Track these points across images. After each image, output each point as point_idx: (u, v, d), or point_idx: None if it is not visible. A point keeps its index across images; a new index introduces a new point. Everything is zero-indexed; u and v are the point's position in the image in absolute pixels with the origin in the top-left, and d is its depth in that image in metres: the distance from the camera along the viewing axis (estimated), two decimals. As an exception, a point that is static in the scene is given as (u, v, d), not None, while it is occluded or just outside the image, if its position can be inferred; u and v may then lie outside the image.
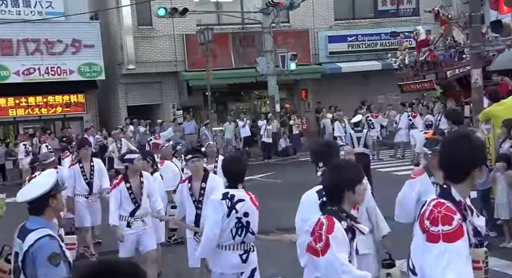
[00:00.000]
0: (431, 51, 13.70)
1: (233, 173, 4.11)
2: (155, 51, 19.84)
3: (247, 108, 22.23)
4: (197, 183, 5.03)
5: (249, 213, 4.00)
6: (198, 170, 5.07)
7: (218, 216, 3.95)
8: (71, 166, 7.63)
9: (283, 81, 19.26)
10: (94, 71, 19.31)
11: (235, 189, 4.05)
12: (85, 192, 7.41)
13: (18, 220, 3.17)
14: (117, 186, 5.77)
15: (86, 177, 7.39)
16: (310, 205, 3.44)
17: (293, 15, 20.66)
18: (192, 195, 5.02)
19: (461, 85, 14.02)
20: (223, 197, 3.99)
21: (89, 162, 7.48)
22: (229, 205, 3.96)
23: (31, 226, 2.96)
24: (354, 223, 2.88)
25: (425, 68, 14.08)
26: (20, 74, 18.38)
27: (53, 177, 3.09)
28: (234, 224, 3.99)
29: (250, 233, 4.05)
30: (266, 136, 17.92)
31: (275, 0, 17.10)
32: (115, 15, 19.66)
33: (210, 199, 4.20)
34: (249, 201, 4.04)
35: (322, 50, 21.42)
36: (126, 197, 5.69)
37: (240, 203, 3.98)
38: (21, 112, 19.48)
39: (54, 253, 2.84)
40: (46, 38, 18.58)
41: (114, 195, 5.73)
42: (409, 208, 4.25)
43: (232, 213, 3.96)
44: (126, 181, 5.73)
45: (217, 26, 19.58)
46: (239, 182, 4.09)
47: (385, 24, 21.37)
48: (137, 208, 5.70)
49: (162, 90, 20.49)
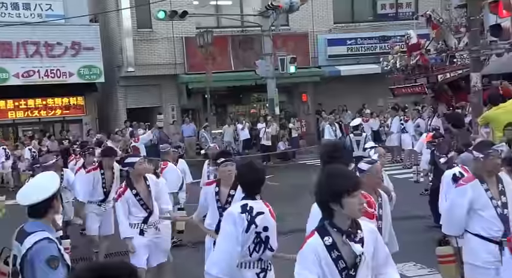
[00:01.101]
0: (422, 55, 13.75)
1: (250, 182, 3.72)
2: (155, 53, 19.85)
3: (247, 111, 22.24)
4: (226, 189, 4.60)
5: (269, 227, 3.63)
6: (230, 175, 4.57)
7: (238, 231, 3.56)
8: (90, 170, 7.05)
9: (282, 84, 19.27)
10: (93, 74, 19.31)
11: (253, 200, 3.66)
12: (99, 199, 7.01)
13: (17, 222, 3.17)
14: (122, 195, 5.36)
15: (105, 185, 6.96)
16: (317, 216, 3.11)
17: (292, 19, 20.69)
18: (218, 200, 4.61)
19: (452, 90, 14.08)
20: (243, 210, 3.60)
21: (111, 170, 7.00)
22: (248, 219, 3.58)
23: (30, 228, 2.95)
24: (347, 240, 2.51)
25: (416, 72, 14.13)
26: (20, 76, 18.38)
27: (57, 181, 3.10)
28: (253, 240, 3.62)
29: (268, 249, 3.66)
30: (265, 139, 17.92)
31: (274, 4, 17.12)
32: (115, 18, 19.68)
33: (227, 212, 3.77)
34: (268, 214, 3.67)
35: (321, 53, 21.45)
36: (136, 205, 5.31)
37: (259, 216, 3.60)
38: (20, 115, 19.48)
39: (53, 256, 2.84)
40: (46, 41, 18.58)
41: (120, 206, 5.33)
42: (459, 218, 3.98)
43: (252, 228, 3.58)
44: (132, 188, 5.33)
45: (217, 28, 19.60)
46: (257, 192, 3.70)
47: (385, 27, 21.41)
48: (150, 215, 5.35)
49: (162, 93, 20.50)
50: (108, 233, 7.07)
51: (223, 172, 4.65)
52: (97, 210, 6.97)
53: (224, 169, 4.64)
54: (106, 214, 7.02)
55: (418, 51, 13.79)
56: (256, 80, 18.93)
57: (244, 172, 3.80)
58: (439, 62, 13.83)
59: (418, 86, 14.10)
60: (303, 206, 3.81)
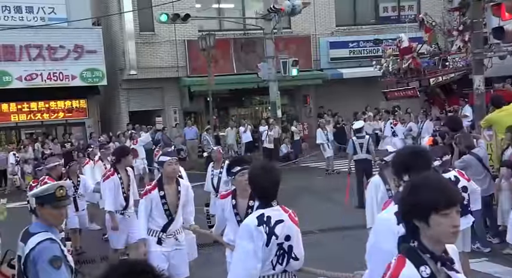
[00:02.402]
0: (414, 59, 13.77)
1: (265, 188, 3.25)
2: (157, 56, 19.89)
3: (249, 114, 22.26)
4: (244, 200, 4.15)
5: (291, 236, 3.21)
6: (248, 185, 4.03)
7: (258, 246, 3.14)
8: (109, 176, 6.48)
9: (284, 86, 19.28)
10: (96, 77, 19.36)
11: (269, 208, 3.22)
12: (121, 207, 6.48)
13: (20, 225, 3.18)
14: (148, 193, 4.91)
15: (124, 189, 6.45)
16: (383, 232, 2.62)
17: (295, 21, 20.72)
18: (236, 214, 4.17)
19: (445, 93, 14.09)
20: (260, 222, 3.16)
21: (126, 172, 6.56)
22: (267, 231, 3.14)
23: (33, 229, 2.98)
24: (446, 269, 2.01)
25: (408, 76, 14.15)
26: (23, 80, 18.42)
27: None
28: (275, 253, 3.20)
29: (293, 259, 3.26)
30: (267, 142, 17.92)
31: (277, 7, 17.13)
32: (117, 21, 19.73)
33: (242, 226, 3.30)
34: (289, 220, 3.23)
35: (323, 56, 21.46)
36: (159, 207, 4.85)
37: (279, 225, 3.17)
38: (23, 118, 19.52)
39: (56, 256, 2.86)
40: (48, 44, 18.63)
41: (144, 203, 4.90)
42: None
43: (272, 240, 3.15)
44: (160, 189, 4.88)
45: (219, 31, 19.64)
46: (273, 198, 3.25)
47: (387, 30, 21.42)
48: (170, 222, 4.87)
49: (164, 96, 20.53)
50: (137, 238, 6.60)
51: (240, 182, 4.13)
52: (122, 220, 6.45)
53: (241, 179, 4.10)
54: (131, 221, 6.48)
55: (410, 55, 13.82)
56: (259, 83, 18.93)
57: (257, 175, 3.30)
58: (431, 66, 13.86)
59: (410, 90, 14.13)
60: (305, 208, 3.81)
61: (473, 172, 6.40)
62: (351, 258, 5.37)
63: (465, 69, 12.73)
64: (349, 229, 7.91)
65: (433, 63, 13.88)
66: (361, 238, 3.06)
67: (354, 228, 7.97)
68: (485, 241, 6.66)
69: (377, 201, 4.73)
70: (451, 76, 13.05)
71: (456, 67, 12.88)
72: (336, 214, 8.97)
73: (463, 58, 12.88)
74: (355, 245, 7.13)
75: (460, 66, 12.83)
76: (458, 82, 13.29)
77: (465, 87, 13.06)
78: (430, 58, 14.25)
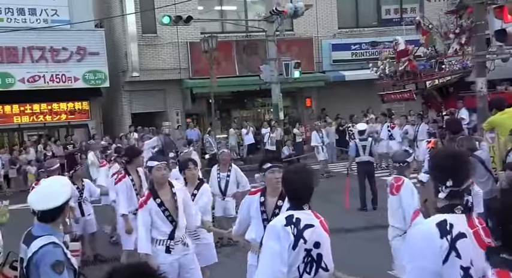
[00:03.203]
0: (410, 61, 13.79)
1: (297, 189, 3.14)
2: (159, 58, 19.92)
3: (251, 116, 22.26)
4: (273, 199, 4.03)
5: (320, 243, 3.05)
6: (278, 183, 3.90)
7: (283, 247, 2.98)
8: (120, 179, 6.43)
9: (286, 89, 19.28)
10: (98, 79, 19.39)
11: (300, 211, 3.09)
12: (134, 208, 6.20)
13: (22, 226, 3.18)
14: (144, 204, 4.70)
15: (137, 191, 6.34)
16: (425, 249, 2.29)
17: (297, 24, 20.74)
18: (263, 211, 4.04)
19: (442, 96, 14.10)
20: (288, 222, 3.03)
21: (136, 173, 6.45)
22: (295, 233, 3.00)
23: (37, 232, 2.97)
24: None
25: (405, 78, 14.16)
26: (25, 82, 18.47)
27: (70, 186, 3.15)
28: (302, 259, 3.02)
29: (322, 269, 3.07)
30: (270, 144, 17.92)
31: (279, 9, 17.15)
32: (120, 23, 19.77)
33: (270, 225, 3.17)
34: (320, 227, 3.10)
35: (325, 58, 21.47)
36: (160, 216, 4.66)
37: (308, 229, 3.03)
38: (25, 120, 19.55)
39: (58, 260, 2.85)
40: (51, 46, 18.68)
41: (142, 217, 4.67)
42: None
43: (300, 243, 3.00)
44: (156, 197, 4.69)
45: (221, 34, 19.66)
46: (305, 202, 3.12)
47: (389, 32, 21.41)
48: (175, 228, 4.68)
49: (166, 98, 20.55)
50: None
51: (270, 179, 4.03)
52: (133, 220, 6.24)
53: (271, 177, 4.01)
54: None
55: (406, 57, 13.85)
56: (261, 85, 18.94)
57: (290, 176, 3.18)
58: (428, 68, 13.88)
59: (407, 92, 14.14)
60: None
61: (476, 175, 6.38)
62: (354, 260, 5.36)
63: (461, 72, 12.77)
64: (352, 231, 7.89)
65: (430, 65, 13.92)
66: (363, 240, 3.05)
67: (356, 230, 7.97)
68: (487, 243, 6.63)
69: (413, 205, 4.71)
70: (447, 79, 13.09)
71: (452, 70, 12.91)
72: (338, 216, 8.94)
73: (459, 61, 12.91)
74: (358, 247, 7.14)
75: (456, 69, 12.86)
76: (455, 85, 13.32)
77: (461, 90, 13.10)
78: (426, 61, 14.29)
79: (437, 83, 13.33)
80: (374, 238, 5.07)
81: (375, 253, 4.92)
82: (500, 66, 11.21)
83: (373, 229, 5.07)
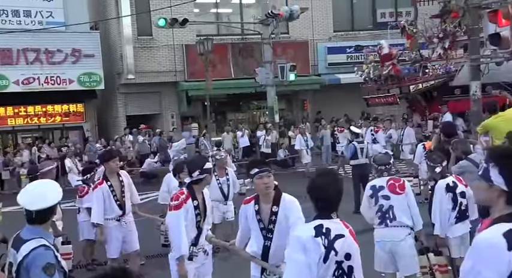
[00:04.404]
0: (394, 65, 13.84)
1: (327, 197, 2.86)
2: (155, 61, 19.90)
3: (247, 118, 22.26)
4: (267, 206, 3.80)
5: (351, 254, 2.81)
6: (268, 188, 3.74)
7: (312, 260, 2.72)
8: (96, 186, 6.15)
9: (282, 91, 19.30)
10: (93, 81, 19.34)
11: (329, 220, 2.82)
12: (116, 215, 6.09)
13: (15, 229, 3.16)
14: (184, 203, 4.31)
15: (116, 196, 6.06)
16: (490, 259, 2.02)
17: (292, 27, 20.77)
18: (260, 220, 3.81)
19: (426, 100, 14.16)
20: (317, 233, 2.75)
21: (116, 177, 6.15)
22: (326, 244, 2.74)
23: (26, 235, 2.94)
24: None
25: (389, 82, 14.21)
26: (20, 83, 18.40)
27: (59, 188, 3.13)
28: (333, 273, 2.77)
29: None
30: (265, 147, 17.91)
31: (275, 12, 17.18)
32: (115, 25, 19.74)
33: (294, 236, 2.87)
34: (350, 237, 2.85)
35: (321, 61, 21.52)
36: (192, 219, 4.33)
37: (339, 240, 2.77)
38: (20, 122, 19.48)
39: (49, 263, 2.83)
40: (46, 48, 18.63)
41: (180, 216, 4.28)
42: None
43: (331, 256, 2.74)
44: (194, 198, 4.35)
45: (217, 36, 19.67)
46: (334, 210, 2.87)
47: (384, 36, 21.46)
48: (200, 234, 4.40)
49: (161, 100, 20.53)
50: (134, 250, 6.25)
51: (259, 185, 3.78)
52: (118, 227, 6.09)
53: (259, 182, 3.76)
54: (127, 229, 6.17)
55: (390, 61, 13.91)
56: (256, 88, 18.95)
57: (320, 184, 2.89)
58: (412, 72, 13.94)
59: (391, 96, 14.19)
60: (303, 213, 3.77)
61: (470, 178, 6.39)
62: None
63: (445, 76, 12.85)
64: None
65: (414, 70, 13.99)
66: (362, 243, 3.01)
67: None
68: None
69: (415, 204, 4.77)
70: (431, 83, 13.16)
71: (436, 74, 12.99)
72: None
73: (442, 65, 13.00)
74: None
75: (439, 73, 12.94)
76: (439, 90, 13.39)
77: (445, 94, 13.17)
78: (411, 65, 14.36)
79: (420, 87, 13.43)
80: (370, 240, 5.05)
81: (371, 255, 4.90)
82: (494, 70, 11.26)
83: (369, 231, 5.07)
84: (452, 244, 5.23)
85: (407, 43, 14.58)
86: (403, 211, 4.97)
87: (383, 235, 4.97)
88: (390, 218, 4.95)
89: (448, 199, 5.21)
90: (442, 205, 5.21)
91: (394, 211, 4.95)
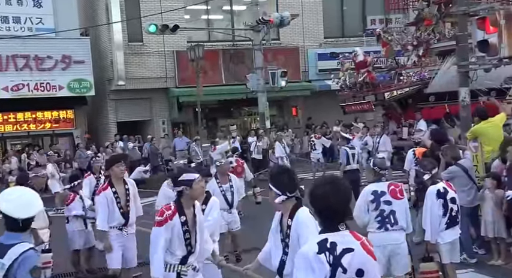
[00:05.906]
0: (369, 73, 13.96)
1: (331, 207, 2.59)
2: (145, 67, 19.87)
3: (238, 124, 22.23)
4: (285, 218, 3.48)
5: (364, 270, 2.51)
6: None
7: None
8: (101, 191, 5.86)
9: (273, 97, 19.34)
10: (84, 87, 19.26)
11: (335, 233, 2.56)
12: (119, 224, 5.79)
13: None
14: (169, 220, 3.94)
15: (120, 204, 5.76)
16: None
17: (283, 33, 20.86)
18: (280, 231, 3.50)
19: (401, 107, 14.27)
20: (321, 249, 2.50)
21: (122, 184, 5.84)
22: (331, 261, 2.48)
23: (8, 241, 2.94)
24: None
25: (364, 89, 14.31)
26: (9, 90, 18.28)
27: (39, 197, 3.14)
28: None
29: None
30: (256, 153, 17.90)
31: (265, 18, 17.25)
32: (105, 32, 19.70)
33: (299, 254, 2.61)
34: (361, 250, 2.54)
35: (311, 67, 21.61)
36: (179, 237, 3.98)
37: (347, 255, 2.50)
38: (9, 128, 19.34)
39: (36, 266, 2.88)
40: (36, 54, 18.54)
41: (164, 235, 3.94)
42: None
43: (338, 273, 2.47)
44: (181, 214, 3.98)
45: (208, 42, 19.70)
46: (341, 221, 2.59)
47: (374, 42, 21.60)
48: (190, 254, 4.05)
49: (152, 106, 20.49)
50: (131, 266, 5.96)
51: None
52: (119, 237, 5.79)
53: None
54: (128, 240, 5.88)
55: (365, 69, 14.02)
56: (247, 94, 18.99)
57: (323, 194, 2.60)
58: (387, 80, 14.06)
59: (366, 103, 14.27)
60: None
61: (459, 183, 6.45)
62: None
63: (419, 83, 12.98)
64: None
65: (389, 77, 14.12)
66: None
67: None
68: (471, 251, 6.70)
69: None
70: (405, 90, 13.29)
71: (410, 81, 13.13)
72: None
73: (417, 73, 13.14)
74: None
75: (414, 81, 13.08)
76: (413, 97, 13.51)
77: (420, 102, 13.31)
78: (387, 72, 14.48)
79: (395, 95, 13.52)
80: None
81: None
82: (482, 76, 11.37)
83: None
84: (443, 250, 5.26)
85: (383, 50, 14.77)
86: (402, 216, 5.02)
87: (383, 239, 4.93)
88: (391, 222, 4.96)
89: (438, 205, 5.24)
90: (432, 211, 5.24)
91: (395, 215, 4.98)
